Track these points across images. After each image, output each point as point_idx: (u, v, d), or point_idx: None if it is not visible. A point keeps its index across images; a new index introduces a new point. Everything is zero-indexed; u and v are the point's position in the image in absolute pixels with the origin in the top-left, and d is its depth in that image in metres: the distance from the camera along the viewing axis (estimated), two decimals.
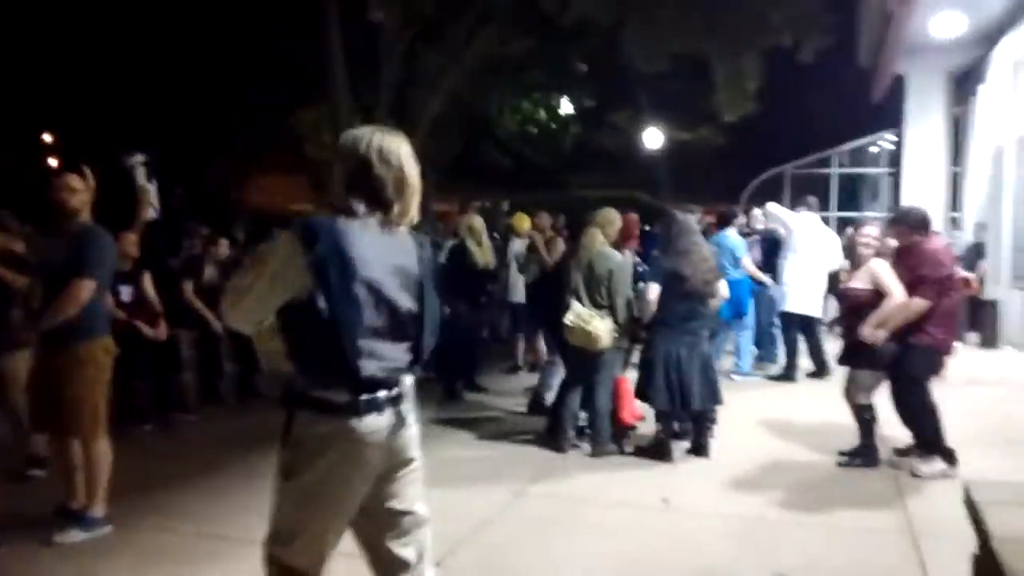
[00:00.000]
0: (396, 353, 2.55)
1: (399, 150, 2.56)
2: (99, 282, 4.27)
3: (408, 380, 2.64)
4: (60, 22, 14.92)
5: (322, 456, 2.47)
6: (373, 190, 2.50)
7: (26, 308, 4.78)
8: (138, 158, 6.76)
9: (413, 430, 2.69)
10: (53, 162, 21.49)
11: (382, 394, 2.51)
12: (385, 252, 2.50)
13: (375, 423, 2.50)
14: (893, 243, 5.75)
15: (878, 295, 5.40)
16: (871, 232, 5.66)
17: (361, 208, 2.49)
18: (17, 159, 20.42)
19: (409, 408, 2.64)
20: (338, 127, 11.89)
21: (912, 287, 5.30)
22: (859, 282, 5.55)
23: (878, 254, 5.58)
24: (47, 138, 21.44)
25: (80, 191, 4.34)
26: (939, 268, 5.34)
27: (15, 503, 4.86)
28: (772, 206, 9.41)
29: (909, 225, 5.52)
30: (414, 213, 2.60)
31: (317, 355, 2.47)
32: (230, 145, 20.59)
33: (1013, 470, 5.32)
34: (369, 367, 2.46)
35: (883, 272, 5.43)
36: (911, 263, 5.39)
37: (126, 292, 6.11)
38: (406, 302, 2.56)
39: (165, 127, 15.69)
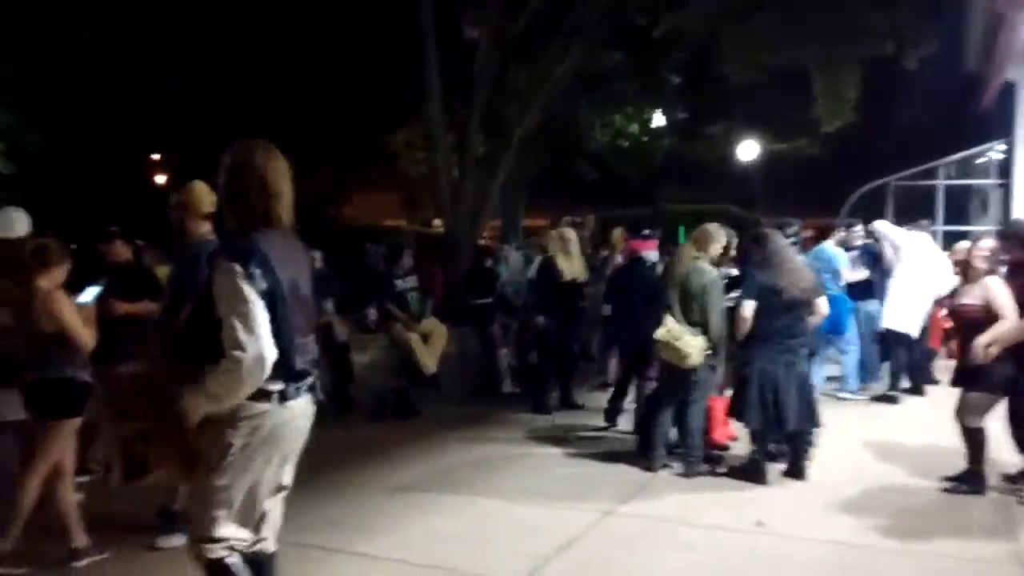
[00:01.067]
0: (312, 345, 2.94)
1: (262, 160, 2.85)
2: None
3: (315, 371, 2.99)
4: (167, 44, 15.60)
5: (254, 435, 2.79)
6: (241, 198, 2.81)
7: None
8: None
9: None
10: (161, 179, 22.48)
11: (304, 383, 2.90)
12: (291, 254, 2.85)
13: (300, 407, 2.90)
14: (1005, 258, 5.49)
15: (990, 312, 5.16)
16: (987, 246, 5.40)
17: (235, 218, 2.83)
18: (126, 177, 21.45)
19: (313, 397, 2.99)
20: (433, 144, 12.08)
21: None
22: (971, 298, 5.31)
23: (992, 270, 5.34)
24: (155, 156, 22.43)
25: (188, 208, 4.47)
26: None
27: (121, 506, 5.06)
28: (881, 224, 9.08)
29: (1020, 240, 5.26)
30: (282, 215, 2.84)
31: None
32: (327, 162, 21.17)
33: None
34: (300, 362, 2.84)
35: (997, 291, 5.19)
36: (1023, 280, 5.15)
37: None
38: (310, 295, 2.94)
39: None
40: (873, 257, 8.86)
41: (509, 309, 9.47)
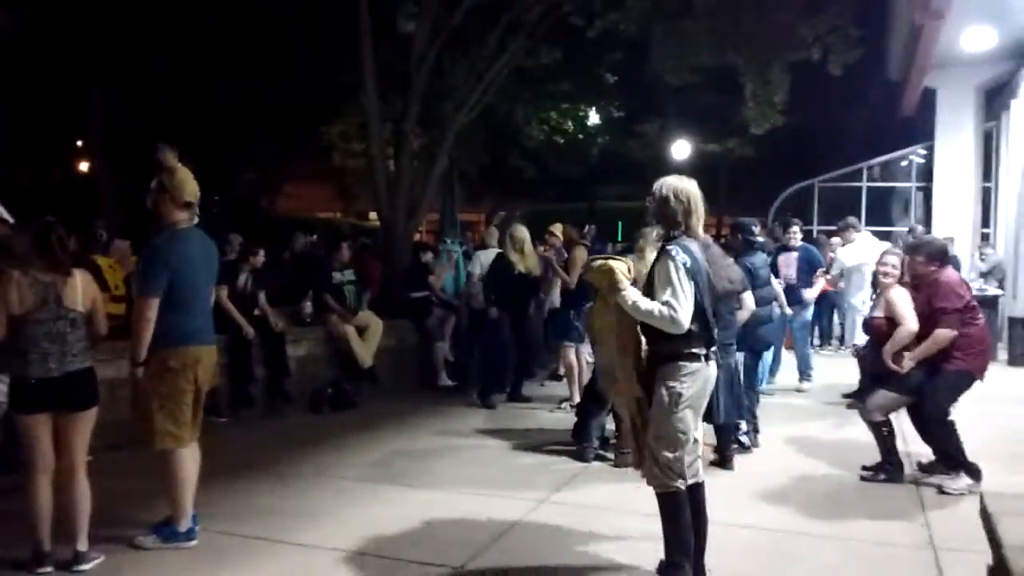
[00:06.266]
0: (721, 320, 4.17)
1: (688, 188, 3.85)
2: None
3: None
4: (95, 27, 15.18)
5: (694, 386, 3.72)
6: (670, 218, 3.85)
7: None
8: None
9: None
10: (84, 167, 21.85)
11: (714, 349, 3.87)
12: (705, 254, 3.94)
13: (713, 368, 3.85)
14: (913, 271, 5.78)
15: (894, 324, 5.49)
16: (891, 260, 5.71)
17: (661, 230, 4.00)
18: (48, 164, 20.78)
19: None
20: (367, 136, 12.02)
21: (935, 318, 5.40)
22: (879, 310, 5.63)
23: (900, 281, 5.63)
24: (79, 143, 21.77)
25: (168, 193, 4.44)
26: (958, 300, 5.44)
27: None
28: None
29: (927, 255, 5.59)
30: (697, 227, 3.90)
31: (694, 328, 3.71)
32: (260, 153, 20.87)
33: None
34: (715, 333, 3.91)
35: (899, 301, 5.51)
36: (928, 294, 5.49)
37: None
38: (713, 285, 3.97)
39: (198, 134, 15.94)
40: (808, 260, 9.17)
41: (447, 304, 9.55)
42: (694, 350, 3.73)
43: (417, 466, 6.08)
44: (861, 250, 8.83)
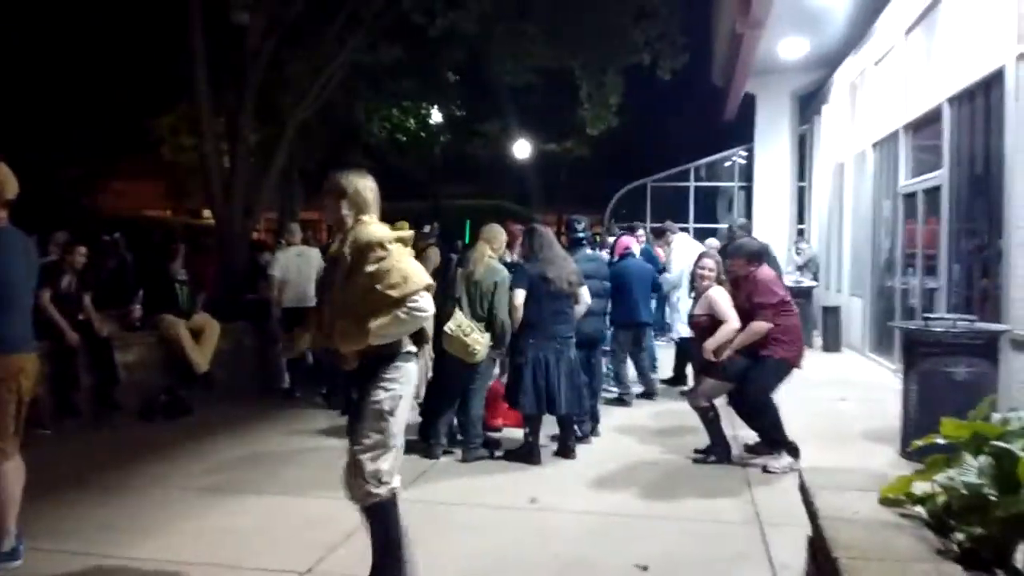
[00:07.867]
0: None
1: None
2: None
3: None
4: None
5: (408, 388, 3.55)
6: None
7: None
8: None
9: None
10: None
11: None
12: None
13: None
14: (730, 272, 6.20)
15: (715, 320, 5.87)
16: (708, 263, 6.10)
17: None
18: None
19: None
20: (199, 130, 11.54)
21: (752, 312, 5.82)
22: (699, 309, 6.01)
23: (718, 281, 6.01)
24: None
25: None
26: (773, 295, 5.89)
27: None
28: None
29: (746, 257, 6.03)
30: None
31: None
32: (81, 147, 19.58)
33: (844, 461, 5.86)
34: None
35: (719, 300, 5.92)
36: (748, 290, 5.93)
37: None
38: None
39: (9, 127, 14.78)
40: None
41: None
42: (412, 348, 3.53)
43: (259, 472, 5.91)
44: (682, 251, 9.39)
